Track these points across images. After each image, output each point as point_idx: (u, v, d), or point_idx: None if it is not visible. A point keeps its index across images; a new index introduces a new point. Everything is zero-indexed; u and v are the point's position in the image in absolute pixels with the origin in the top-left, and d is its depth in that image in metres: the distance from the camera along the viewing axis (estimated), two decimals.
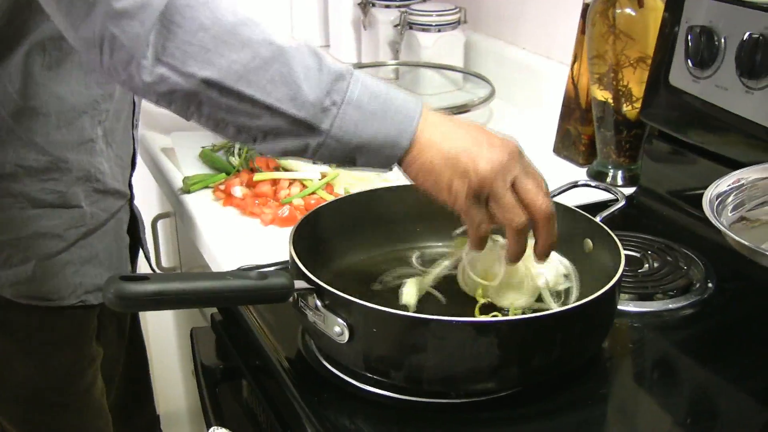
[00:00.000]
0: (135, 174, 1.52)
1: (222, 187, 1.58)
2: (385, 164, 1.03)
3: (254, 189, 1.57)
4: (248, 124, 0.98)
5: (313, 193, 1.56)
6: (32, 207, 1.33)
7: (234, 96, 0.96)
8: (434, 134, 1.01)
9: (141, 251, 1.62)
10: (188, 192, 1.60)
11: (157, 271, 1.79)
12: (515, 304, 1.16)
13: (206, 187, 1.62)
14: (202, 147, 1.72)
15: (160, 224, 1.91)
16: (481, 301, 1.18)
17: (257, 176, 1.58)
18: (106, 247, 1.44)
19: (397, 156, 1.02)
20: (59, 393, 1.48)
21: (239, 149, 1.68)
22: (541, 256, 1.09)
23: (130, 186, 1.52)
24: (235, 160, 1.67)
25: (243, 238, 1.47)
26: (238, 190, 1.56)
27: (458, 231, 1.20)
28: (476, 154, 1.01)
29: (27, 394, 1.47)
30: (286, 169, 1.60)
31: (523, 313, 1.15)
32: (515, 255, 1.08)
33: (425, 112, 1.01)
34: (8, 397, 1.47)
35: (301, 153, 1.01)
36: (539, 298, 1.18)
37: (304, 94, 0.96)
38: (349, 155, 1.01)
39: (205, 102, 0.97)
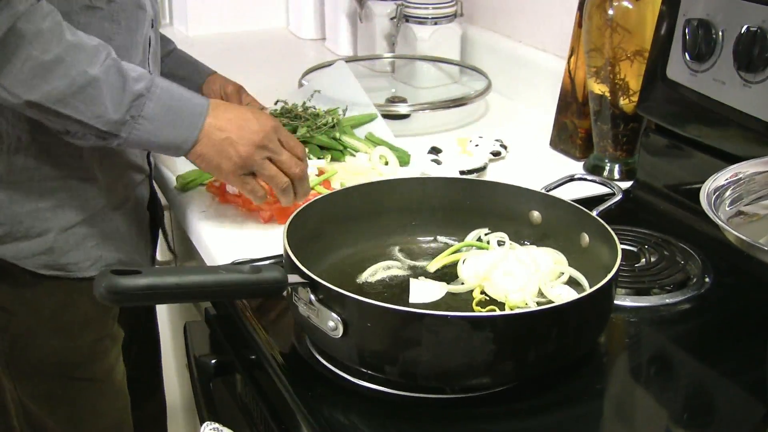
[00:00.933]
0: None
1: (216, 183, 1.56)
2: (174, 156, 1.37)
3: None
4: (64, 129, 1.26)
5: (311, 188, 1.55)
6: (50, 180, 1.36)
7: (53, 113, 1.22)
8: (211, 132, 1.31)
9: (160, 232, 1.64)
10: (183, 190, 1.59)
11: (161, 257, 1.79)
12: (512, 298, 1.16)
13: (201, 184, 1.60)
14: None
15: None
16: (479, 297, 1.18)
17: None
18: (127, 223, 1.47)
19: (181, 154, 1.33)
20: (83, 370, 1.50)
21: None
22: (300, 200, 1.39)
23: (149, 162, 1.54)
24: None
25: (238, 234, 1.46)
26: (233, 187, 1.54)
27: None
28: (237, 140, 1.32)
29: (51, 370, 1.48)
30: None
31: (520, 308, 1.15)
32: (286, 204, 1.40)
33: (209, 113, 1.31)
34: (32, 374, 1.48)
35: (105, 146, 1.29)
36: (539, 294, 1.18)
37: (109, 113, 1.23)
38: (145, 150, 1.46)
39: (31, 113, 1.24)
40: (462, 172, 1.60)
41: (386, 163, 1.62)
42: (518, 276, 1.18)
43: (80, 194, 1.39)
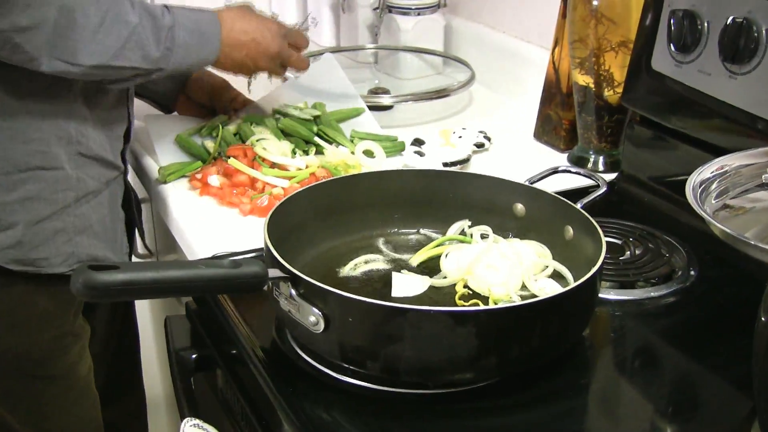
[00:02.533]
0: None
1: (198, 176, 1.55)
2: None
3: (232, 179, 1.53)
4: (116, 77, 1.37)
5: (293, 178, 1.53)
6: (17, 171, 1.34)
7: (111, 69, 1.33)
8: (230, 47, 1.47)
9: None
10: (164, 182, 1.57)
11: (141, 252, 1.77)
12: (495, 292, 1.15)
13: (183, 176, 1.59)
14: (178, 134, 1.68)
15: None
16: (461, 291, 1.17)
17: (232, 162, 1.54)
18: (100, 219, 1.45)
19: (208, 65, 1.51)
20: (43, 367, 1.48)
21: (214, 134, 1.66)
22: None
23: (125, 161, 1.53)
24: (210, 145, 1.63)
25: (220, 227, 1.44)
26: (215, 180, 1.53)
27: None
28: (255, 56, 1.52)
29: (9, 367, 1.46)
30: (264, 159, 1.57)
31: (503, 302, 1.14)
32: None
33: (223, 27, 1.46)
34: None
35: (147, 80, 1.41)
36: (523, 287, 1.17)
37: (153, 52, 1.35)
38: (178, 73, 1.57)
39: (91, 77, 1.34)
40: (445, 164, 1.59)
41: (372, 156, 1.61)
42: (501, 269, 1.17)
43: (49, 187, 1.37)
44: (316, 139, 1.67)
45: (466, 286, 1.18)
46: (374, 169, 1.51)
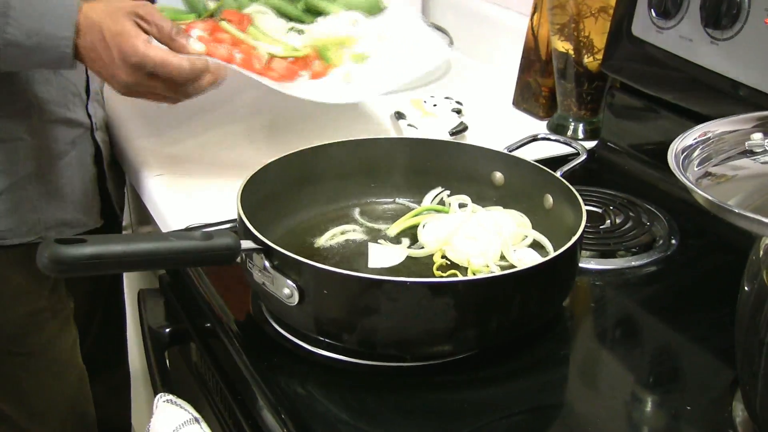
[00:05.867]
0: None
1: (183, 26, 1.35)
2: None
3: (213, 35, 1.38)
4: None
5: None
6: None
7: None
8: (85, 52, 1.20)
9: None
10: None
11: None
12: (474, 263, 1.13)
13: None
14: None
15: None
16: (439, 261, 1.15)
17: (223, 25, 1.40)
18: (68, 181, 1.42)
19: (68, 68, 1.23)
20: (19, 344, 1.46)
21: None
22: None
23: (90, 115, 1.48)
24: (211, 5, 1.53)
25: (195, 197, 1.41)
26: (197, 32, 1.34)
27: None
28: (110, 76, 1.21)
29: None
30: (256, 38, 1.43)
31: (482, 273, 1.12)
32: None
33: (78, 31, 1.18)
34: None
35: None
36: (502, 258, 1.16)
37: None
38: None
39: None
40: (451, 133, 1.57)
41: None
42: (480, 240, 1.15)
43: (6, 158, 1.33)
44: (305, 15, 1.54)
45: (444, 257, 1.16)
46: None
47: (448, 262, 1.16)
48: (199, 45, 1.24)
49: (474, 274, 1.12)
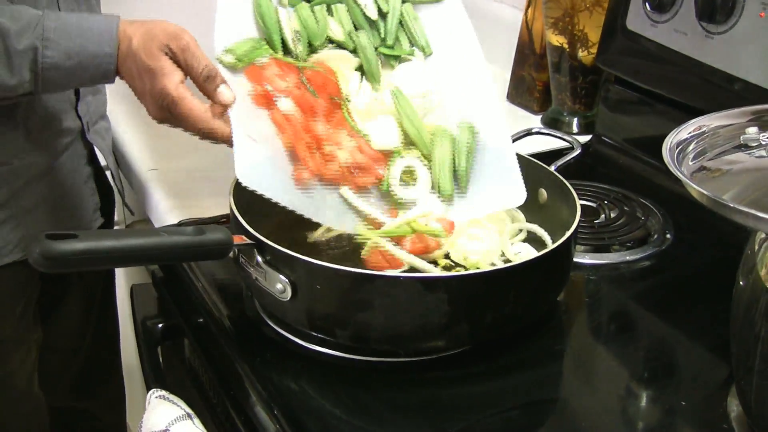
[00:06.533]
0: None
1: (268, 86, 1.15)
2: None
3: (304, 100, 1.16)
4: None
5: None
6: None
7: None
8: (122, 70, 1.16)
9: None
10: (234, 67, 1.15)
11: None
12: (471, 258, 1.12)
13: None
14: None
15: None
16: (443, 263, 1.14)
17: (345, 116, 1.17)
18: (58, 189, 1.37)
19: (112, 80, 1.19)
20: None
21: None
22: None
23: (79, 116, 1.42)
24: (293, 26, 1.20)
25: (189, 193, 1.41)
26: (284, 104, 1.15)
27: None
28: (142, 102, 1.16)
29: None
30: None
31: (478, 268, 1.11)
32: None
33: (119, 50, 1.14)
34: None
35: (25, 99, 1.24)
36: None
37: (5, 81, 1.13)
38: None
39: None
40: None
41: None
42: (484, 239, 1.14)
43: None
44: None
45: (447, 257, 1.15)
46: None
47: (452, 264, 1.15)
48: (227, 94, 1.11)
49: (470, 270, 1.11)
